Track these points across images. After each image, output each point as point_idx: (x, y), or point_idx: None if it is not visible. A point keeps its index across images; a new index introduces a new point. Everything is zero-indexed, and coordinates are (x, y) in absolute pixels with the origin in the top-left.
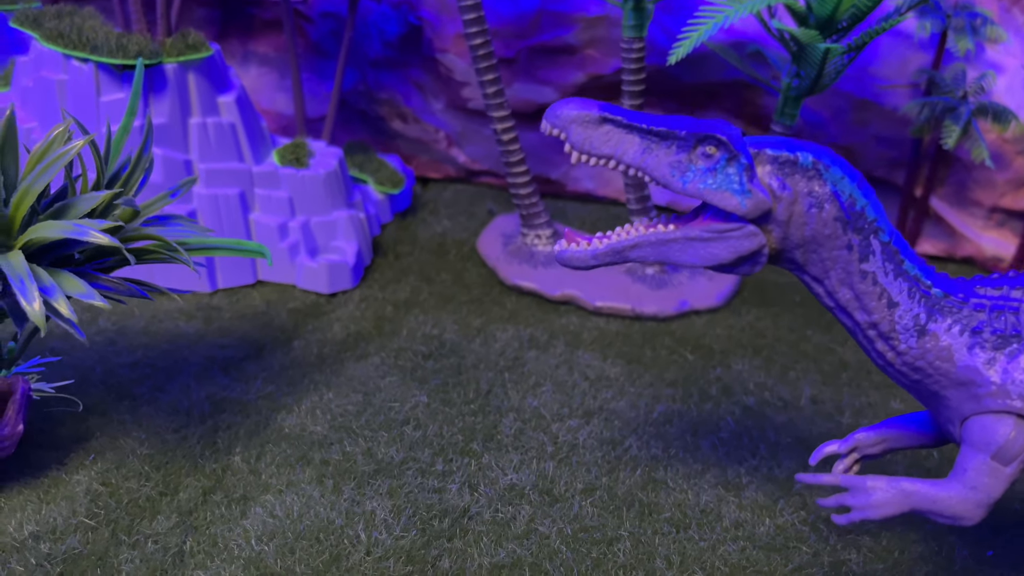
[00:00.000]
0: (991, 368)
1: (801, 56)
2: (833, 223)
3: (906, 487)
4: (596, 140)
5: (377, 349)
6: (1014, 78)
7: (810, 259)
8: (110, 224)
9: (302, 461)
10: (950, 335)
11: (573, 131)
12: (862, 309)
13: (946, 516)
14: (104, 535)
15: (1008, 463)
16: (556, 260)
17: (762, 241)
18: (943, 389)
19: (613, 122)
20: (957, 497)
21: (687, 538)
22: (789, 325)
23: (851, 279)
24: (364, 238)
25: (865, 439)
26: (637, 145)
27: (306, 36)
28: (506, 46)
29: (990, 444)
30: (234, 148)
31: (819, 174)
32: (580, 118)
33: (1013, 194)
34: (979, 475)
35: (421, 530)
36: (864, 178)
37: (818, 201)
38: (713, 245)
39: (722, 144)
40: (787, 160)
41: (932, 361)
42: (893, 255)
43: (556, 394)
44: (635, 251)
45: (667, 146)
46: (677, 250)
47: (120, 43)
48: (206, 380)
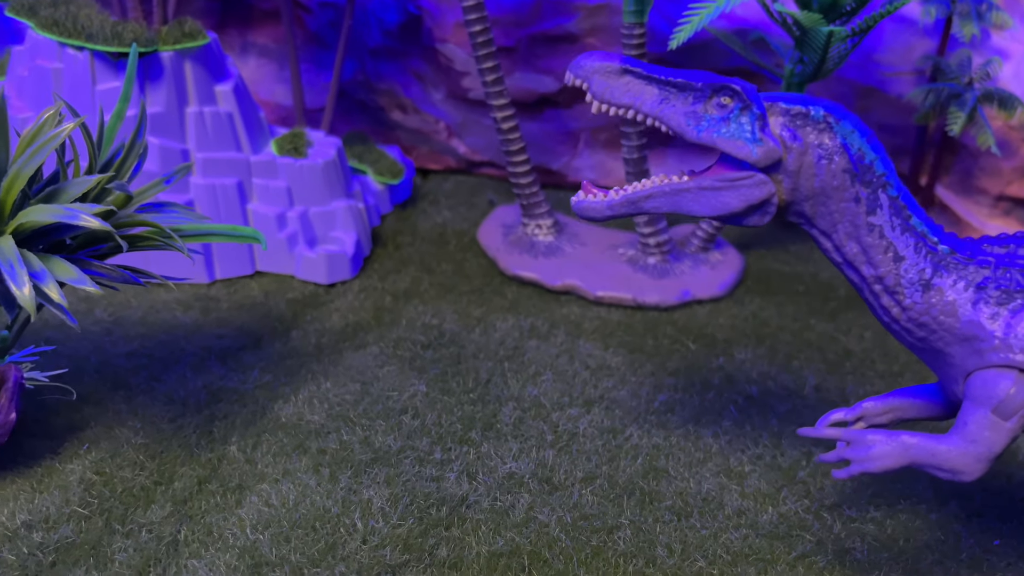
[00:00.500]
0: (994, 323)
1: (804, 41)
2: (842, 175)
3: (906, 440)
4: (616, 90)
5: (376, 339)
6: (1021, 64)
7: (818, 211)
8: (102, 208)
9: (299, 450)
10: (955, 290)
11: (595, 81)
12: (868, 263)
13: (945, 470)
14: (98, 524)
15: (1008, 417)
16: (573, 210)
17: (772, 190)
18: (947, 346)
19: (633, 73)
20: (957, 451)
21: (688, 526)
22: (793, 314)
23: (858, 232)
24: (363, 228)
25: (873, 408)
26: (655, 95)
27: (305, 26)
28: (506, 35)
29: (991, 398)
30: (231, 137)
31: (830, 127)
32: (602, 68)
33: (1020, 182)
34: (979, 429)
35: (418, 518)
36: (874, 134)
37: (828, 153)
38: (724, 194)
39: (736, 94)
40: (799, 112)
41: (936, 316)
42: (900, 210)
43: (556, 383)
44: (649, 202)
45: (684, 97)
46: (690, 199)
47: (115, 31)
48: (203, 370)
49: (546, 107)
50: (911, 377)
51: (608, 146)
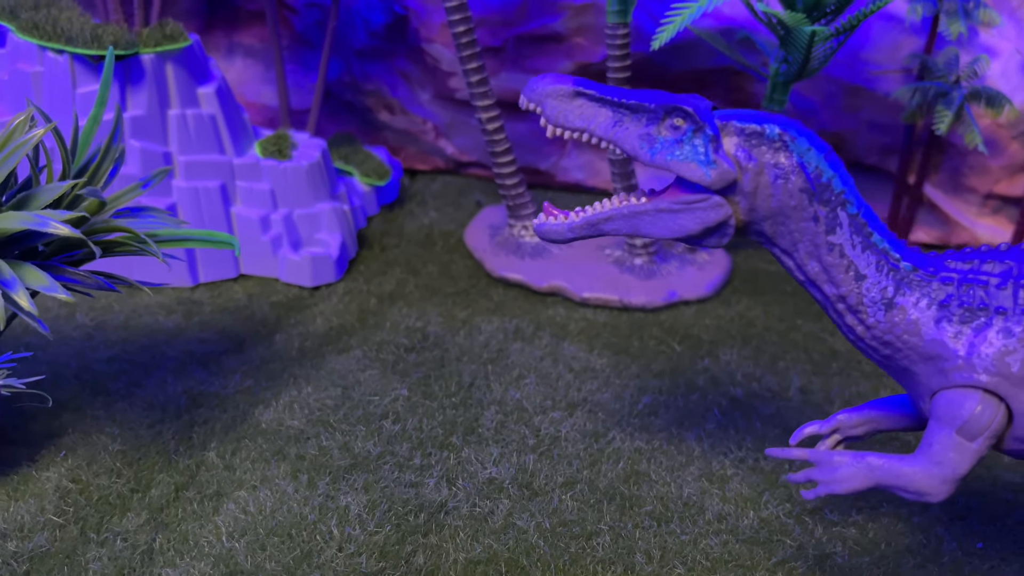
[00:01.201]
0: (958, 342)
1: (788, 40)
2: (799, 194)
3: (872, 461)
4: (570, 113)
5: (359, 342)
6: (1008, 61)
7: (778, 231)
8: (74, 215)
9: (278, 456)
10: (918, 308)
11: (548, 105)
12: (830, 282)
13: (911, 492)
14: (72, 533)
15: (973, 438)
16: (535, 232)
17: (728, 212)
18: (912, 364)
19: (586, 96)
20: (922, 472)
21: (668, 532)
22: (779, 315)
23: (819, 251)
24: (348, 230)
25: (847, 420)
26: (609, 118)
27: (291, 27)
28: (493, 35)
29: (956, 419)
30: (214, 140)
31: (785, 145)
32: (555, 92)
33: (1008, 180)
34: (944, 450)
35: (396, 525)
36: (832, 150)
37: (784, 172)
38: (681, 216)
39: (688, 116)
40: (753, 132)
41: (900, 335)
42: (861, 227)
43: (540, 386)
44: (609, 223)
45: (637, 119)
46: (648, 222)
47: (95, 34)
48: (184, 375)
49: None
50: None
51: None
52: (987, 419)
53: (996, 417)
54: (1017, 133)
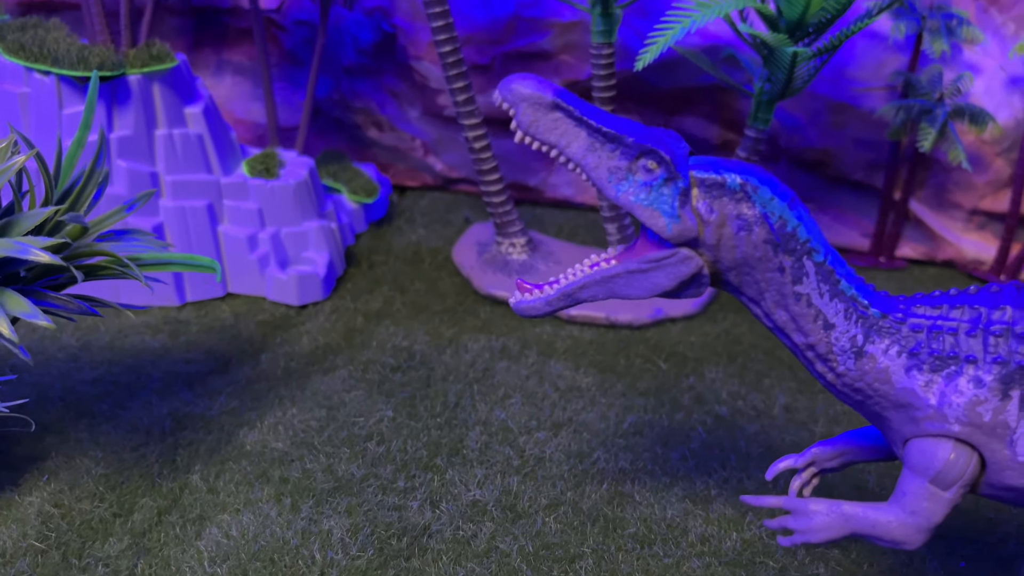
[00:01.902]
0: (929, 391)
1: (772, 60)
2: (763, 245)
3: (847, 511)
4: (544, 125)
5: (345, 362)
6: (992, 79)
7: (744, 281)
8: (55, 242)
9: (261, 479)
10: (887, 357)
11: (522, 110)
12: (799, 331)
13: (886, 540)
14: (54, 558)
15: (947, 488)
16: (514, 311)
17: (699, 263)
18: (884, 411)
19: (565, 111)
20: (896, 521)
21: (651, 554)
22: (765, 332)
23: (786, 301)
24: (336, 248)
25: (822, 453)
26: (583, 140)
27: (280, 44)
28: (480, 52)
29: (928, 468)
30: (202, 159)
31: (747, 196)
32: (532, 98)
33: (993, 196)
34: (918, 500)
35: (378, 549)
36: (796, 197)
37: (747, 224)
38: (653, 275)
39: (664, 163)
40: (714, 183)
41: (871, 383)
42: (828, 275)
43: (525, 406)
44: (585, 291)
45: (611, 149)
46: (622, 284)
47: (82, 55)
48: (169, 396)
49: None
50: None
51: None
52: (960, 468)
53: (969, 466)
54: (1001, 150)
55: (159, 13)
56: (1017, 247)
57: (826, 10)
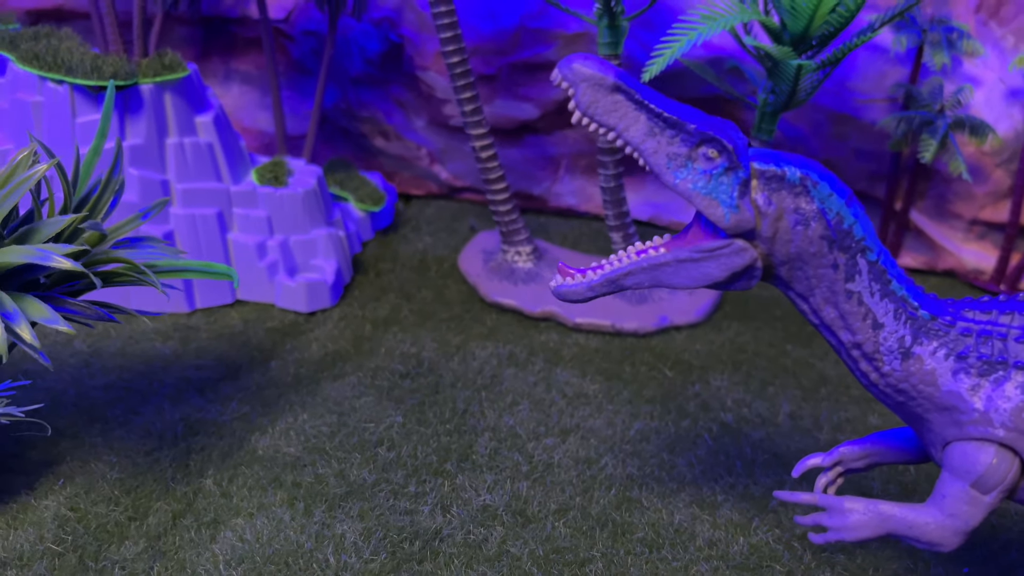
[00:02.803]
0: (975, 394)
1: (776, 72)
2: (819, 241)
3: (884, 510)
4: (603, 107)
5: (354, 369)
6: (992, 91)
7: (795, 276)
8: (75, 248)
9: (274, 483)
10: (935, 359)
11: (582, 90)
12: (846, 329)
13: (923, 542)
14: (71, 561)
15: (987, 492)
16: (554, 295)
17: (753, 255)
18: (926, 412)
19: (625, 93)
20: (935, 523)
21: (660, 558)
22: (769, 340)
23: (836, 298)
24: (344, 256)
25: (849, 453)
26: (643, 124)
27: (288, 54)
28: (487, 63)
29: (970, 472)
30: (212, 168)
31: (806, 190)
32: (592, 79)
33: (993, 206)
34: (958, 503)
35: (391, 553)
36: (853, 195)
37: (804, 218)
38: (705, 265)
39: (726, 152)
40: (773, 175)
41: (916, 384)
42: (880, 275)
43: (533, 412)
44: (630, 278)
45: (671, 135)
46: (670, 273)
47: (95, 64)
48: (181, 402)
49: (527, 133)
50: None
51: (588, 172)
52: (1002, 473)
53: (1011, 471)
54: (1001, 161)
55: (168, 23)
56: (1017, 257)
57: (829, 24)
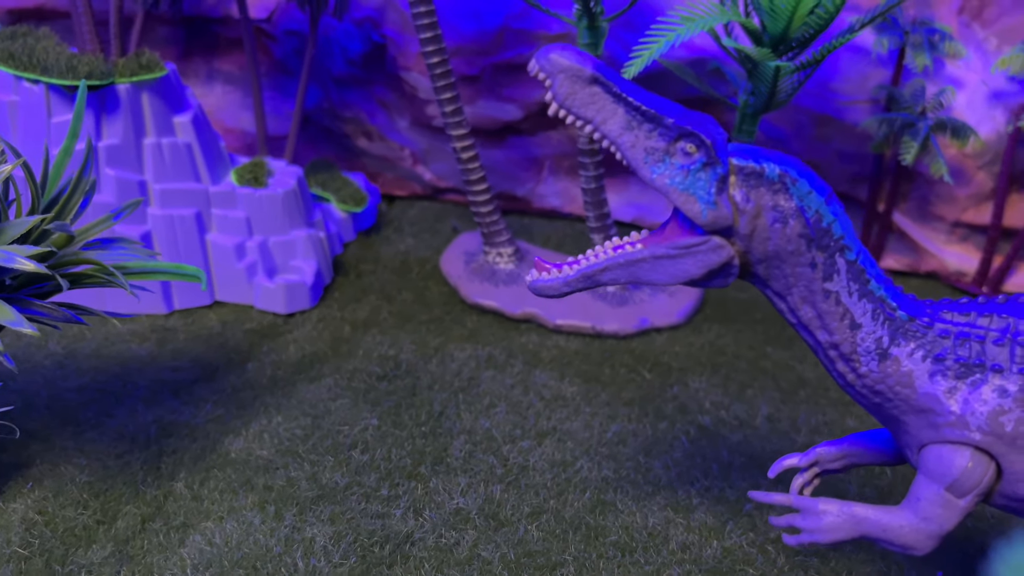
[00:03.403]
0: (952, 397)
1: (755, 74)
2: (797, 239)
3: (858, 512)
4: (580, 99)
5: (331, 371)
6: (974, 93)
7: (772, 274)
8: (41, 250)
9: (245, 487)
10: (912, 360)
11: (559, 81)
12: (824, 329)
13: (896, 545)
14: (37, 565)
15: (962, 495)
16: (529, 289)
17: (730, 253)
18: (902, 414)
19: (604, 86)
20: (909, 527)
21: (632, 562)
22: (749, 342)
23: (814, 297)
24: (324, 257)
25: (826, 454)
26: (621, 118)
27: (270, 54)
28: (469, 64)
29: (945, 475)
30: (190, 168)
31: (785, 187)
32: (571, 70)
33: (975, 209)
34: (932, 506)
35: (361, 557)
36: (833, 193)
37: (783, 216)
38: (682, 262)
39: (704, 147)
40: (752, 171)
41: (892, 386)
42: (859, 274)
43: (510, 415)
44: (606, 274)
45: (650, 129)
46: (647, 269)
47: (71, 64)
48: (155, 404)
49: (510, 135)
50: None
51: (572, 173)
52: (977, 477)
53: (986, 475)
54: (983, 163)
55: (149, 22)
56: (999, 259)
57: (809, 25)
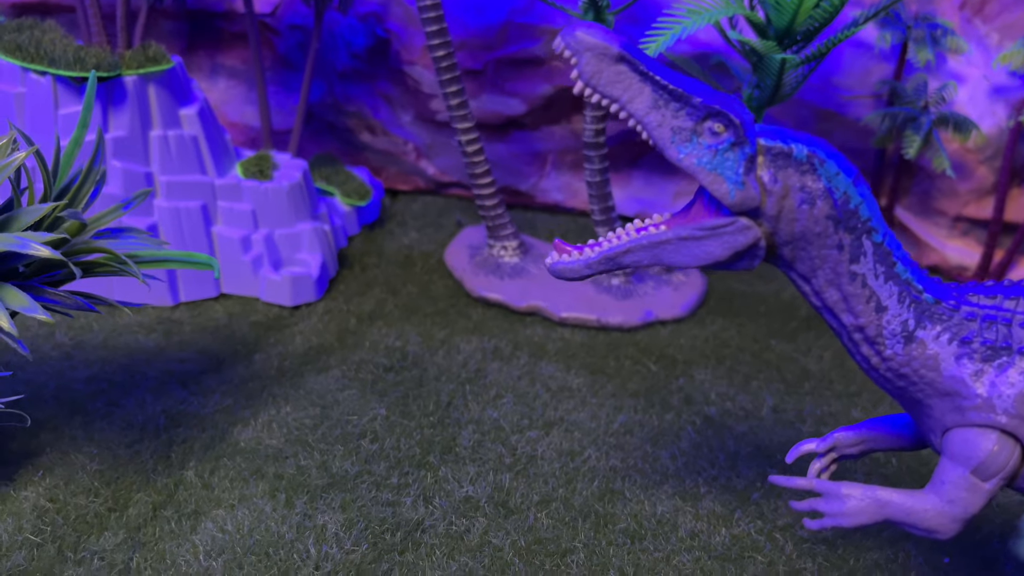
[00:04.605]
0: (978, 380)
1: (760, 67)
2: (825, 221)
3: (881, 496)
4: (607, 77)
5: (338, 362)
6: (976, 88)
7: (798, 256)
8: (54, 237)
9: (256, 475)
10: (938, 343)
11: (585, 60)
12: (849, 311)
13: (921, 528)
14: (50, 552)
15: (988, 479)
16: (550, 272)
17: (757, 234)
18: (927, 398)
19: (630, 64)
20: (933, 510)
21: (642, 549)
22: (753, 334)
23: (839, 280)
24: (329, 250)
25: (844, 439)
26: (647, 97)
27: (274, 49)
28: (473, 58)
29: (971, 458)
30: (196, 161)
31: (813, 168)
32: (597, 48)
33: (976, 203)
34: (957, 489)
35: (372, 544)
36: (860, 174)
37: (810, 197)
38: (707, 243)
39: (733, 126)
40: (780, 152)
41: (918, 369)
42: (885, 257)
43: (517, 405)
44: (628, 256)
45: (677, 108)
46: (671, 251)
47: (78, 56)
48: (163, 394)
49: (513, 129)
50: (868, 396)
51: (575, 168)
52: (1003, 460)
53: (1012, 458)
54: (984, 157)
55: (154, 16)
56: (1000, 253)
57: (814, 18)
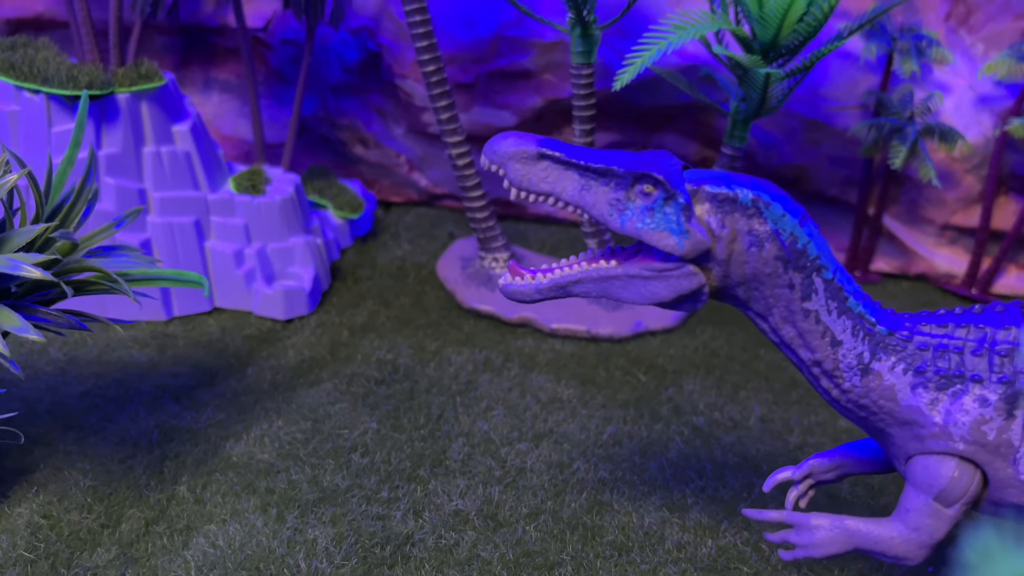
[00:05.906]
0: (934, 409)
1: (746, 80)
2: (774, 262)
3: (849, 526)
4: (535, 177)
5: (330, 375)
6: (961, 98)
7: (752, 296)
8: (46, 258)
9: (247, 490)
10: (893, 374)
11: (511, 168)
12: (805, 347)
13: (889, 556)
14: (43, 568)
15: (950, 505)
16: (502, 293)
17: (701, 280)
18: (888, 427)
19: (551, 158)
20: (900, 538)
21: (629, 561)
22: (743, 344)
23: (794, 317)
24: (322, 263)
25: (819, 465)
26: (576, 182)
27: (267, 63)
28: (464, 71)
29: (932, 486)
30: (189, 176)
31: (759, 212)
32: (518, 154)
33: (963, 212)
34: (921, 516)
35: (362, 558)
36: (806, 214)
37: (758, 240)
38: (653, 283)
39: (659, 183)
40: (726, 198)
41: (876, 400)
42: (836, 292)
43: (507, 418)
44: (578, 286)
45: (605, 183)
46: (619, 287)
47: (71, 74)
48: (156, 409)
49: None
50: None
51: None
52: (963, 486)
53: (972, 484)
54: (971, 167)
55: (147, 32)
56: (987, 261)
57: (798, 32)
